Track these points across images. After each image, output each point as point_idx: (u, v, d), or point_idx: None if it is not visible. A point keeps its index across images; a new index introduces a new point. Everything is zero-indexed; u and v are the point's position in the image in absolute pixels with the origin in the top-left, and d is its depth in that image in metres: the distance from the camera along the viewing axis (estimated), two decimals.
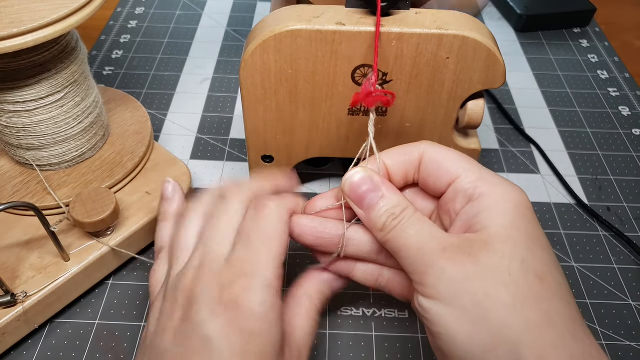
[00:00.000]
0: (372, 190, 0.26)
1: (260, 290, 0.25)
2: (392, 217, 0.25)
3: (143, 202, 0.38)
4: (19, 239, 0.36)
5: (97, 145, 0.40)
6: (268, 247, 0.26)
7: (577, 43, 0.62)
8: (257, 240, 0.26)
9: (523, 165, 0.47)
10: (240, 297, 0.24)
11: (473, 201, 0.25)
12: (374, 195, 0.26)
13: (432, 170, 0.27)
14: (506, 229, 0.24)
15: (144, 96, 0.53)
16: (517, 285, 0.22)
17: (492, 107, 0.53)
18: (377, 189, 0.26)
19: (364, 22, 0.31)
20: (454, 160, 0.27)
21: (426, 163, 0.27)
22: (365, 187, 0.26)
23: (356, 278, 0.30)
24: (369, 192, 0.26)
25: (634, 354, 0.35)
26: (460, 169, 0.26)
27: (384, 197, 0.26)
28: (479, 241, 0.23)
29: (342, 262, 0.30)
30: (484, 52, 0.32)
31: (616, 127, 0.51)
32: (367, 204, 0.26)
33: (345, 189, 0.27)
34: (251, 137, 0.37)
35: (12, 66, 0.32)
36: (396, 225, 0.25)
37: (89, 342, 0.35)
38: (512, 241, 0.23)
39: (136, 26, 0.63)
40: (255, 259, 0.26)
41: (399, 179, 0.28)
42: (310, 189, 0.45)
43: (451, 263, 0.23)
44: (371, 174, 0.26)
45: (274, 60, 0.32)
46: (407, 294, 0.29)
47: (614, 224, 0.42)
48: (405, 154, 0.28)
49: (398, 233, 0.25)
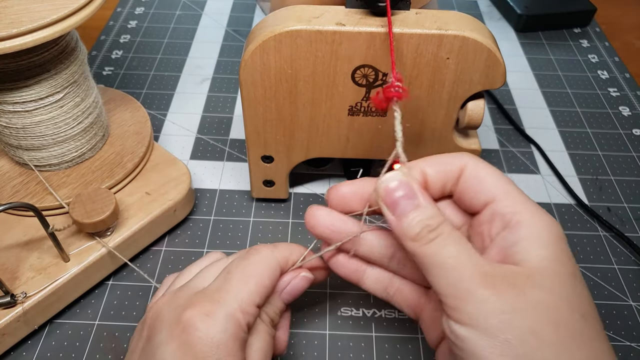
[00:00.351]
0: (408, 197, 0.24)
1: (222, 319, 0.24)
2: (427, 228, 0.24)
3: (143, 203, 0.38)
4: (19, 240, 0.36)
5: (97, 146, 0.40)
6: (244, 282, 0.26)
7: (577, 43, 0.62)
8: (235, 275, 0.27)
9: (523, 166, 0.47)
10: (200, 322, 0.24)
11: (511, 228, 0.24)
12: (409, 203, 0.24)
13: (471, 187, 0.26)
14: (550, 263, 0.23)
15: (143, 96, 0.53)
16: (564, 324, 0.22)
17: (492, 107, 0.53)
18: (414, 196, 0.24)
19: (364, 22, 0.31)
20: (495, 180, 0.26)
21: (466, 178, 0.26)
22: (401, 193, 0.25)
23: (365, 285, 0.30)
24: (405, 199, 0.24)
25: (635, 354, 0.35)
26: (500, 190, 0.25)
27: (420, 206, 0.24)
28: (523, 274, 0.23)
29: (353, 267, 0.29)
30: (484, 52, 0.32)
31: (616, 127, 0.51)
32: (401, 210, 0.24)
33: (379, 191, 0.25)
34: (251, 137, 0.37)
35: (12, 67, 0.32)
36: (433, 238, 0.24)
37: (89, 342, 0.35)
38: (557, 278, 0.22)
39: (136, 26, 0.63)
40: (227, 289, 0.26)
41: (437, 189, 0.27)
42: (310, 189, 0.45)
43: (495, 293, 0.22)
44: (409, 181, 0.25)
45: (274, 60, 0.32)
46: (416, 308, 0.29)
47: (614, 224, 0.42)
48: (446, 164, 0.26)
49: (434, 249, 0.23)
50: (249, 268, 0.27)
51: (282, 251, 0.29)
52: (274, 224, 0.42)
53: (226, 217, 0.42)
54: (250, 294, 0.26)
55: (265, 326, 0.27)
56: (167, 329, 0.25)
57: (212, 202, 0.43)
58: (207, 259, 0.31)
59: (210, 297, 0.25)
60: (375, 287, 0.29)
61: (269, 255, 0.28)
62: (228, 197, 0.44)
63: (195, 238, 0.41)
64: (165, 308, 0.26)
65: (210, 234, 0.41)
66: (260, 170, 0.40)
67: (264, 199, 0.43)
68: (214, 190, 0.44)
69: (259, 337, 0.27)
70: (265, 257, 0.28)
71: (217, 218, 0.42)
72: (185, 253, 0.40)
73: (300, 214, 0.43)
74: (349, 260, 0.29)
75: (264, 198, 0.43)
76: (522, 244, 0.23)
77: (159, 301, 0.27)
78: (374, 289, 0.29)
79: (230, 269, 0.27)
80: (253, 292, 0.26)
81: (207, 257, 0.31)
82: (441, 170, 0.26)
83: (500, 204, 0.25)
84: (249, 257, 0.28)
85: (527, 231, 0.24)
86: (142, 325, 0.27)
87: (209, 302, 0.25)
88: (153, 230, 0.38)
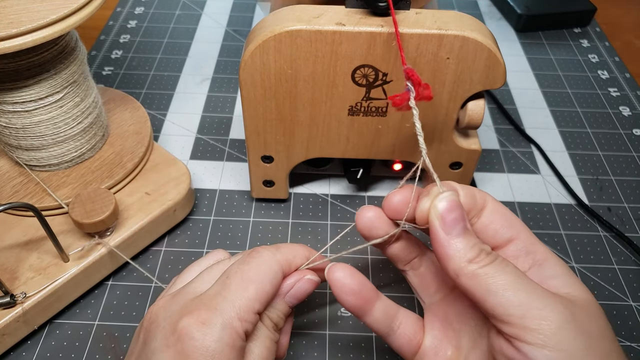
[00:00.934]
0: (461, 220, 0.24)
1: (218, 327, 0.24)
2: (484, 252, 0.23)
3: (142, 203, 0.38)
4: (19, 240, 0.36)
5: (97, 146, 0.40)
6: (243, 288, 0.25)
7: (577, 43, 0.62)
8: (234, 280, 0.26)
9: (523, 165, 0.47)
10: (195, 330, 0.24)
11: (541, 265, 0.25)
12: (462, 226, 0.24)
13: (497, 221, 0.26)
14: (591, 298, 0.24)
15: (143, 96, 0.53)
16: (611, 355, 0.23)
17: (492, 107, 0.53)
18: (464, 218, 0.24)
19: (364, 22, 0.31)
20: (516, 220, 0.26)
21: (491, 212, 0.26)
22: (456, 215, 0.24)
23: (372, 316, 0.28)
24: (458, 221, 0.24)
25: (635, 354, 0.35)
26: (523, 229, 0.26)
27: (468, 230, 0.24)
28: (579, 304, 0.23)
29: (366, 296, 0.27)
30: (485, 52, 0.32)
31: (616, 127, 0.51)
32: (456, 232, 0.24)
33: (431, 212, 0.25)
34: (251, 138, 0.37)
35: (11, 67, 0.32)
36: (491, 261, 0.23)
37: (89, 342, 0.35)
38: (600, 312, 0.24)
39: (136, 26, 0.63)
40: (225, 295, 0.25)
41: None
42: (310, 189, 0.45)
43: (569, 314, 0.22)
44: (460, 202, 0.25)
45: (274, 60, 0.32)
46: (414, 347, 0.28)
47: (614, 224, 0.42)
48: (471, 196, 0.26)
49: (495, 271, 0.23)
50: (248, 273, 0.26)
51: (285, 253, 0.28)
52: (273, 224, 0.42)
53: (226, 217, 0.42)
54: (248, 301, 0.25)
55: (267, 331, 0.27)
56: (162, 336, 0.24)
57: (212, 202, 0.43)
58: (210, 258, 0.30)
59: (207, 304, 0.25)
60: (382, 319, 0.28)
61: (270, 258, 0.27)
62: (228, 197, 0.44)
63: (195, 238, 0.41)
64: (162, 313, 0.26)
65: (210, 234, 0.41)
66: (260, 170, 0.40)
67: (264, 199, 0.43)
68: (213, 190, 0.44)
69: (259, 342, 0.26)
70: (266, 260, 0.27)
71: (217, 218, 0.42)
72: (185, 253, 0.40)
73: (300, 214, 0.43)
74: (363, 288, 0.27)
75: (263, 198, 0.43)
76: (563, 279, 0.24)
77: (157, 304, 0.27)
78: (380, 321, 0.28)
79: (230, 273, 0.26)
80: (252, 298, 0.25)
81: (210, 256, 0.30)
82: (468, 201, 0.26)
83: (526, 241, 0.26)
84: (249, 260, 0.27)
85: (560, 269, 0.25)
86: (140, 328, 0.27)
87: (206, 309, 0.24)
88: (153, 231, 0.38)
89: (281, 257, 0.27)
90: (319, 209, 0.43)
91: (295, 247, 0.29)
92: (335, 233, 0.41)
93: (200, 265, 0.29)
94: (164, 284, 0.37)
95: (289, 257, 0.28)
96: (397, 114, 0.35)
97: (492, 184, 0.46)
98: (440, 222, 0.24)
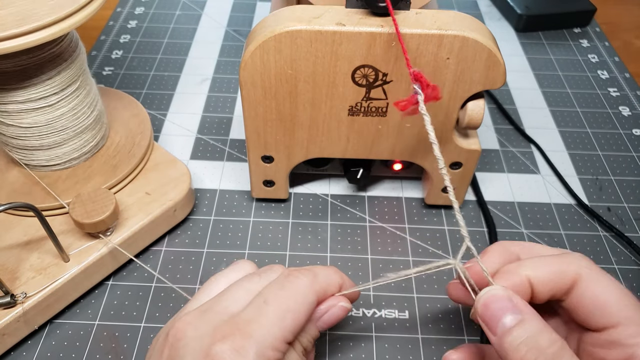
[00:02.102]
0: (508, 310, 0.22)
1: (252, 356, 0.23)
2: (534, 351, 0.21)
3: (143, 203, 0.38)
4: (19, 240, 0.36)
5: (97, 146, 0.40)
6: (280, 318, 0.24)
7: (577, 43, 0.62)
8: (272, 308, 0.25)
9: (523, 165, 0.47)
10: (229, 358, 0.23)
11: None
12: (511, 318, 0.22)
13: (589, 305, 0.23)
14: None
15: (143, 96, 0.53)
16: None
17: (492, 107, 0.53)
18: (515, 309, 0.22)
19: (364, 22, 0.31)
20: (616, 302, 0.23)
21: (582, 293, 0.24)
22: (500, 305, 0.22)
23: None
24: (504, 312, 0.22)
25: None
26: (623, 315, 0.23)
27: (524, 322, 0.22)
28: None
29: None
30: (484, 52, 0.32)
31: (616, 127, 0.51)
32: (501, 327, 0.22)
33: (477, 308, 0.23)
34: (251, 138, 0.37)
35: (11, 67, 0.32)
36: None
37: (89, 342, 0.35)
38: None
39: (136, 26, 0.63)
40: (261, 323, 0.24)
41: (544, 297, 0.24)
42: (310, 190, 0.45)
43: None
44: (510, 294, 0.23)
45: (274, 60, 0.32)
46: None
47: (614, 224, 0.42)
48: (555, 272, 0.24)
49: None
50: (287, 302, 0.25)
51: (322, 283, 0.27)
52: (274, 224, 0.42)
53: (226, 217, 0.42)
54: (284, 331, 0.24)
55: (297, 356, 0.26)
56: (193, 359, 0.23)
57: (212, 202, 0.43)
58: (237, 270, 0.29)
59: (243, 330, 0.24)
60: None
61: (308, 288, 0.26)
62: (228, 197, 0.44)
63: (195, 238, 0.41)
64: (191, 332, 0.24)
65: (210, 234, 0.41)
66: (261, 171, 0.40)
67: (264, 199, 0.43)
68: (214, 190, 0.44)
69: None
70: (304, 290, 0.26)
71: (217, 218, 0.42)
72: (186, 253, 0.40)
73: (300, 214, 0.43)
74: None
75: (264, 198, 0.43)
76: None
77: (184, 319, 0.25)
78: None
79: (267, 298, 0.25)
80: (288, 329, 0.24)
81: (235, 267, 0.29)
82: (550, 279, 0.24)
83: (623, 332, 0.23)
84: (288, 286, 0.26)
85: None
86: (164, 342, 0.25)
87: (241, 335, 0.23)
88: (153, 230, 0.38)
89: (318, 287, 0.27)
90: (319, 209, 0.43)
91: (330, 275, 0.28)
92: (335, 233, 0.41)
93: (227, 277, 0.28)
94: (162, 283, 0.38)
95: (325, 286, 0.27)
96: (397, 114, 0.35)
97: (492, 184, 0.46)
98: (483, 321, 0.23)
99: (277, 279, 0.26)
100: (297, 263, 0.39)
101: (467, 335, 0.36)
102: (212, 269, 0.39)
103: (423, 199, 0.44)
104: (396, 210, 0.43)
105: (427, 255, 0.40)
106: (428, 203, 0.43)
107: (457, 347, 0.27)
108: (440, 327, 0.36)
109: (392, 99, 0.34)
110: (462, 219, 0.25)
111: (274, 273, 0.27)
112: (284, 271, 0.27)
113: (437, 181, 0.40)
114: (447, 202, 0.42)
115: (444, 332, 0.36)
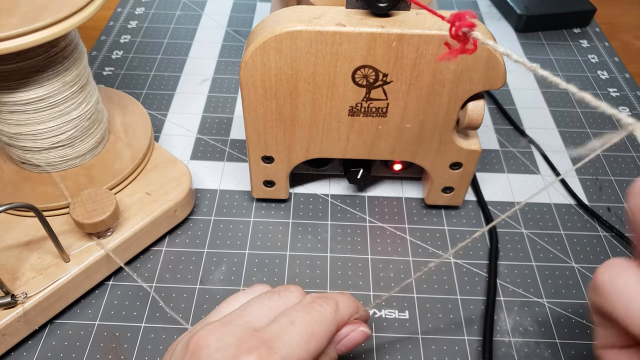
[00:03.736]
0: None
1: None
2: None
3: (143, 203, 0.38)
4: (19, 240, 0.36)
5: (98, 146, 0.40)
6: (305, 341, 0.25)
7: (577, 43, 0.62)
8: (298, 329, 0.25)
9: (523, 166, 0.47)
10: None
11: None
12: None
13: None
14: None
15: (144, 96, 0.53)
16: None
17: (492, 107, 0.53)
18: None
19: (364, 23, 0.31)
20: None
21: None
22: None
23: None
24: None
25: None
26: None
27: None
28: None
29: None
30: (485, 53, 0.32)
31: (616, 127, 0.51)
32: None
33: None
34: (251, 138, 0.37)
35: (11, 67, 0.32)
36: None
37: (89, 342, 0.35)
38: None
39: (136, 26, 0.63)
40: (287, 341, 0.25)
41: None
42: (310, 190, 0.45)
43: None
44: None
45: (274, 61, 0.32)
46: None
47: (614, 224, 0.42)
48: None
49: None
50: (312, 326, 0.26)
51: (342, 312, 0.28)
52: (274, 224, 0.42)
53: (226, 218, 0.42)
54: (307, 354, 0.25)
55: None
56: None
57: (212, 202, 0.43)
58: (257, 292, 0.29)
59: (269, 345, 0.24)
60: None
61: (332, 317, 0.27)
62: (228, 197, 0.44)
63: (196, 238, 0.41)
64: (214, 342, 0.25)
65: (210, 234, 0.41)
66: (261, 171, 0.40)
67: (264, 199, 0.43)
68: (214, 190, 0.44)
69: None
70: (328, 319, 0.27)
71: (217, 218, 0.42)
72: (186, 253, 0.40)
73: (300, 214, 0.43)
74: None
75: (264, 198, 0.43)
76: None
77: (207, 328, 0.26)
78: None
79: (294, 320, 0.26)
80: (311, 352, 0.25)
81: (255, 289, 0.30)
82: None
83: None
84: (313, 313, 0.27)
85: None
86: (184, 350, 0.25)
87: (267, 350, 0.24)
88: (153, 231, 0.39)
89: (340, 317, 0.28)
90: (319, 209, 0.43)
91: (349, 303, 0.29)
92: (335, 233, 0.41)
93: (247, 296, 0.29)
94: (162, 283, 0.38)
95: (345, 316, 0.28)
96: (397, 114, 0.35)
97: (492, 184, 0.46)
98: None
99: (302, 303, 0.27)
100: (297, 263, 0.39)
101: (467, 336, 0.36)
102: (212, 269, 0.39)
103: (423, 199, 0.44)
104: (396, 210, 0.43)
105: (427, 256, 0.40)
106: (428, 203, 0.43)
107: None
108: (440, 327, 0.36)
109: (392, 99, 0.34)
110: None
111: (292, 294, 0.28)
112: (307, 297, 0.28)
113: (437, 181, 0.41)
114: (447, 202, 0.42)
115: (444, 332, 0.36)
